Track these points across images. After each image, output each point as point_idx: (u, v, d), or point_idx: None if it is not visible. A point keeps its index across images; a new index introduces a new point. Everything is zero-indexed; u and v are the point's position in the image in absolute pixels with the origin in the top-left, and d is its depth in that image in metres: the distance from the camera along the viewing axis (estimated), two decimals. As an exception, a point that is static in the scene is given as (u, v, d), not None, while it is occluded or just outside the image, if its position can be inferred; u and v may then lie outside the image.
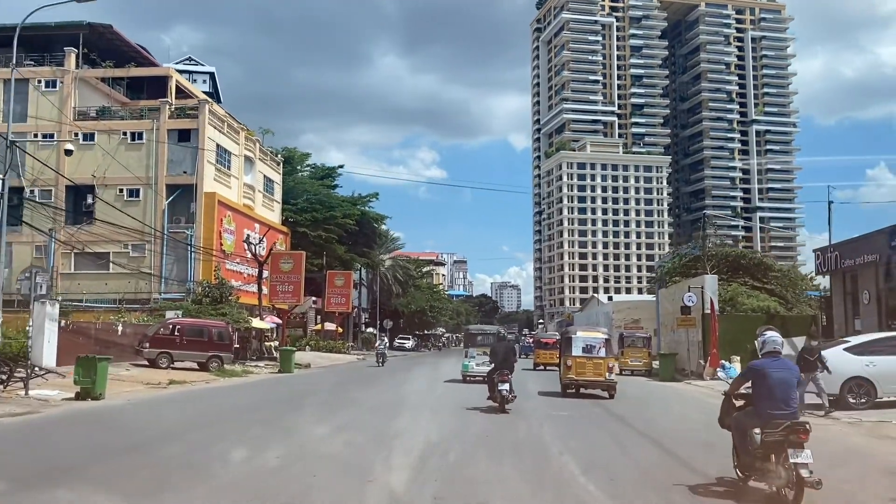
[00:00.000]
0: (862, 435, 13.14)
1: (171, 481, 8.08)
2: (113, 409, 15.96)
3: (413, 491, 7.62)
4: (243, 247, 38.37)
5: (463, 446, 10.87)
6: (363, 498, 7.47)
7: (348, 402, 18.73)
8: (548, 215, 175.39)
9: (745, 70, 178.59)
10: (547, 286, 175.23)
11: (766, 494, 7.20)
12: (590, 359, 18.23)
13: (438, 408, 16.55)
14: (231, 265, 40.25)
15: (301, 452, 10.31)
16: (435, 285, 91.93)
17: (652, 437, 12.50)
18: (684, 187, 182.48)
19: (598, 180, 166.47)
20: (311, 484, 8.02)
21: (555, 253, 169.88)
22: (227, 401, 19.18)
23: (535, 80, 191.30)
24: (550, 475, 8.83)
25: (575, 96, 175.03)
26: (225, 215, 39.43)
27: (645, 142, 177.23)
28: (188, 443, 11.21)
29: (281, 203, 49.54)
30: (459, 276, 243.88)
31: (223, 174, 40.78)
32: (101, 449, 10.62)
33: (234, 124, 43.15)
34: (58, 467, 8.86)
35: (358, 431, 12.38)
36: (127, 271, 38.02)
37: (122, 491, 7.52)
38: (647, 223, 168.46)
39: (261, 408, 17.24)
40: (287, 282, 37.94)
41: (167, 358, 26.69)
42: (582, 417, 15.36)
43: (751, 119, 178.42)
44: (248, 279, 39.87)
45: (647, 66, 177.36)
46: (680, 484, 7.85)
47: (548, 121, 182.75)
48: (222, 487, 7.84)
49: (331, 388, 23.42)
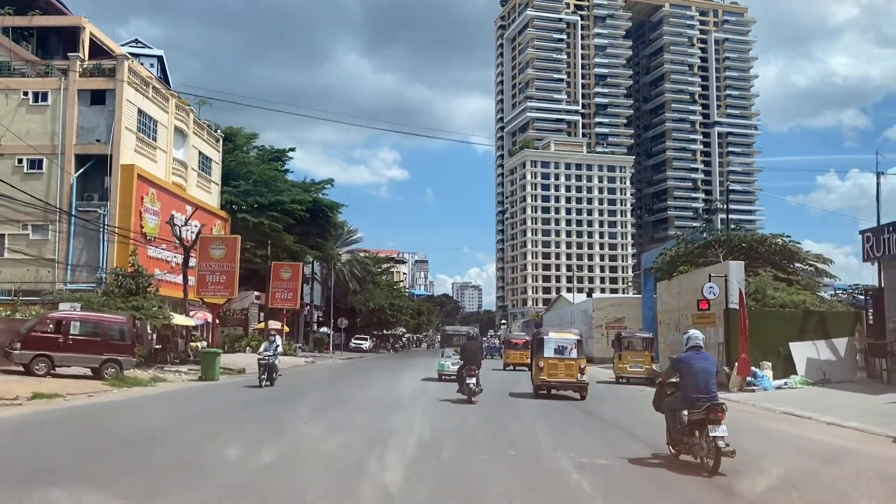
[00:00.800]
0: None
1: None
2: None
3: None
4: (170, 230, 31.94)
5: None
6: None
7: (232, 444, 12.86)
8: (511, 214, 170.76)
9: (707, 72, 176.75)
10: (510, 286, 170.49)
11: (692, 464, 8.73)
12: (562, 360, 18.10)
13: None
14: (154, 251, 33.86)
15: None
16: (395, 283, 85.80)
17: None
18: (646, 188, 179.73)
19: (563, 179, 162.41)
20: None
21: (518, 252, 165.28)
22: (63, 439, 12.80)
23: (499, 77, 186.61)
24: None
25: (539, 94, 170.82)
26: (147, 193, 33.03)
27: (608, 142, 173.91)
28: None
29: (220, 185, 43.17)
30: (420, 276, 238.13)
31: (147, 146, 34.33)
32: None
33: (162, 90, 36.70)
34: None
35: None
36: (26, 257, 31.36)
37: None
38: (611, 223, 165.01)
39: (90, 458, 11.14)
40: (219, 271, 31.62)
41: (46, 363, 20.37)
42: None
43: (713, 121, 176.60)
44: (176, 269, 33.52)
45: (612, 65, 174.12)
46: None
47: (511, 119, 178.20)
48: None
49: (240, 415, 17.49)
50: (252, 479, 8.06)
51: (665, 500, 7.67)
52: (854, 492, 8.21)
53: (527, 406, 16.98)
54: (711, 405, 8.35)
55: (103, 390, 19.24)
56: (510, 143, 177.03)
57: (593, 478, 8.15)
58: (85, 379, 20.81)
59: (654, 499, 7.68)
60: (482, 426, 13.07)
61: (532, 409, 16.19)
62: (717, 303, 21.01)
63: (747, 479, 8.28)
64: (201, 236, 31.95)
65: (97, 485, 7.44)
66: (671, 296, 26.15)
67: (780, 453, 11.28)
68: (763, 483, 8.19)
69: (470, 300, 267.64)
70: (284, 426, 13.05)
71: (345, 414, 15.15)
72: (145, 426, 13.35)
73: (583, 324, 43.92)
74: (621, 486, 8.05)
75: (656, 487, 8.03)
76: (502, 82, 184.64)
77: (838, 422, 14.09)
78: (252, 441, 10.94)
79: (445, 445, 10.59)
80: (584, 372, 18.19)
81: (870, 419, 13.91)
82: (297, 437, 11.69)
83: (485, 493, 7.50)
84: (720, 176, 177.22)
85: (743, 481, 8.14)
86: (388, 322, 67.03)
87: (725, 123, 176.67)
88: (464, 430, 12.54)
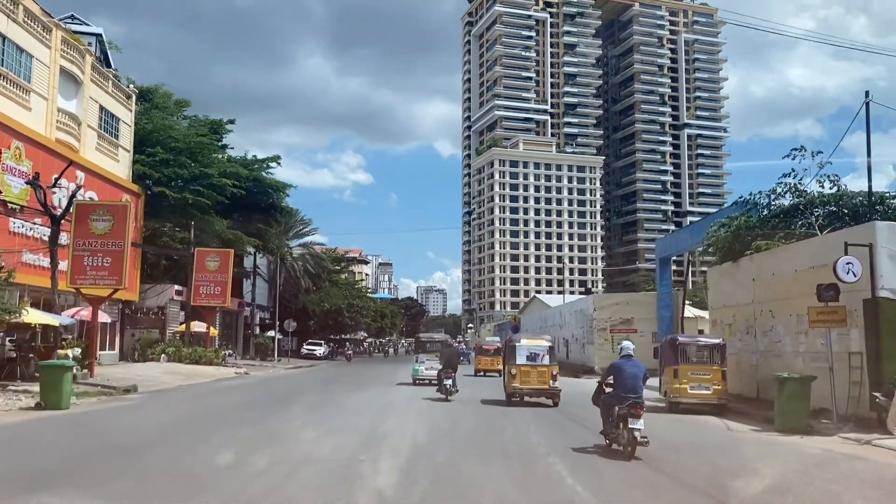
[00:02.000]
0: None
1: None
2: None
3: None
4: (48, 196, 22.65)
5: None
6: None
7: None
8: (478, 215, 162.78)
9: (677, 73, 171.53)
10: (476, 288, 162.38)
11: (616, 451, 10.09)
12: (534, 367, 17.73)
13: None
14: (19, 225, 24.65)
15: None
16: (356, 282, 76.44)
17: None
18: (615, 190, 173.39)
19: (531, 179, 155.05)
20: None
21: (485, 254, 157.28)
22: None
23: (466, 75, 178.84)
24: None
25: (507, 93, 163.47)
26: (8, 146, 23.81)
27: (577, 142, 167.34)
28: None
29: (131, 152, 33.92)
30: (384, 279, 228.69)
31: (12, 83, 25.09)
32: None
33: (42, 18, 27.42)
34: None
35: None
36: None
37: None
38: (580, 224, 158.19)
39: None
40: (102, 252, 22.47)
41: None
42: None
43: (682, 122, 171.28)
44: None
45: (581, 64, 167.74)
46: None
47: (479, 118, 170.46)
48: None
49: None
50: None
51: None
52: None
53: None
54: (634, 402, 9.89)
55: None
56: (477, 143, 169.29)
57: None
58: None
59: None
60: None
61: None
62: (851, 289, 12.88)
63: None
64: (77, 202, 22.74)
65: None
66: (738, 284, 17.97)
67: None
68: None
69: (435, 304, 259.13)
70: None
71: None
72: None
73: (579, 326, 35.80)
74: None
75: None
76: (469, 80, 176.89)
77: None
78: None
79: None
80: (557, 379, 17.76)
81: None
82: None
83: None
84: (690, 178, 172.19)
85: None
86: (347, 325, 57.89)
87: (695, 125, 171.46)
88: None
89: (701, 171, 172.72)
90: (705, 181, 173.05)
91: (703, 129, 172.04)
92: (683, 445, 11.90)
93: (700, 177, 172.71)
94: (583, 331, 34.49)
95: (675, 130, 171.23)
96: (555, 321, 43.54)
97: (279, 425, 13.56)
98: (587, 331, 33.86)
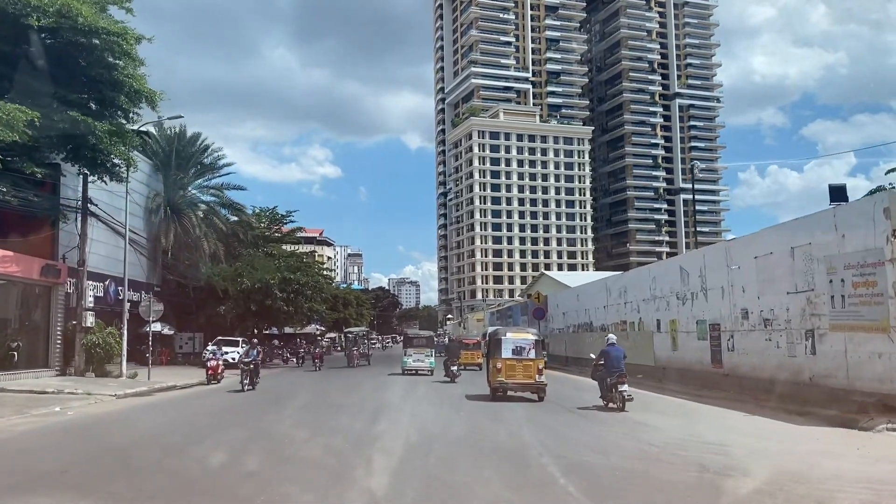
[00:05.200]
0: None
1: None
2: None
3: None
4: None
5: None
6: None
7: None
8: (456, 194, 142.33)
9: (666, 39, 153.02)
10: (455, 276, 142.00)
11: (610, 408, 14.61)
12: (520, 361, 17.01)
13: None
14: None
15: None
16: (305, 254, 53.68)
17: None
18: (602, 167, 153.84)
19: (514, 152, 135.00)
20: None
21: (465, 237, 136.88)
22: None
23: (439, 42, 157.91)
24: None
25: (484, 59, 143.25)
26: None
27: (562, 114, 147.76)
28: None
29: None
30: (354, 271, 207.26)
31: None
32: None
33: None
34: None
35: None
36: None
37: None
38: (568, 203, 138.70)
39: None
40: None
41: None
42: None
43: (673, 93, 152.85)
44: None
45: (564, 28, 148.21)
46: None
47: (454, 88, 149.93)
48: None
49: None
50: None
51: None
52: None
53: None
54: (619, 374, 14.70)
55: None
56: (452, 116, 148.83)
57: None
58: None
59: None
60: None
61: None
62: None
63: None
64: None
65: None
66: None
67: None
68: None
69: (407, 296, 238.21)
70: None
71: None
72: None
73: (806, 275, 15.20)
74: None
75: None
76: (442, 48, 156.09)
77: None
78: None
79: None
80: (543, 373, 17.06)
81: None
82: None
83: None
84: (682, 154, 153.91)
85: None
86: (282, 313, 36.37)
87: (686, 95, 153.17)
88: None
89: (694, 145, 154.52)
90: (698, 156, 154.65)
91: (695, 100, 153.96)
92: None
93: (693, 150, 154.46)
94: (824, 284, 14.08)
95: (666, 101, 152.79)
96: (641, 288, 23.37)
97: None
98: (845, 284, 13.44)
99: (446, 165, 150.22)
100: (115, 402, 16.70)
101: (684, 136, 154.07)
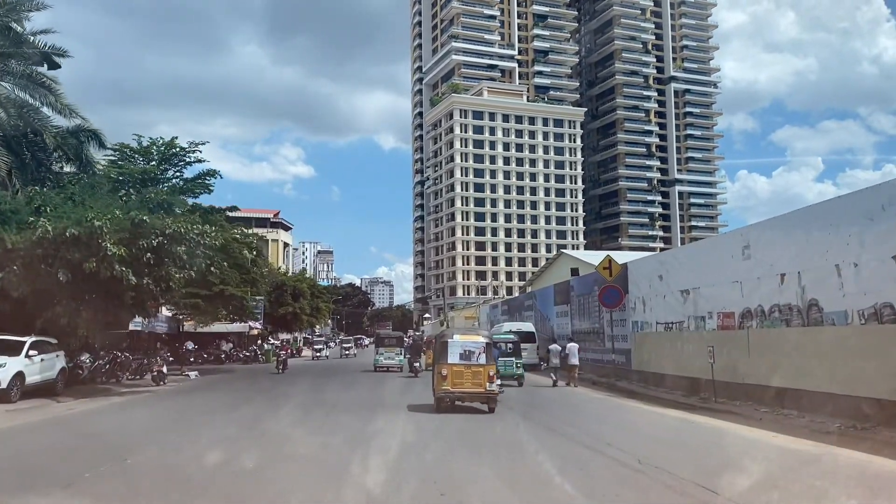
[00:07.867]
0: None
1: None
2: None
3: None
4: None
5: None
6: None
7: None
8: (434, 180, 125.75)
9: (661, 18, 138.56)
10: (433, 271, 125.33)
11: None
12: (468, 367, 14.40)
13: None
14: None
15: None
16: (234, 223, 34.79)
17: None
18: (592, 156, 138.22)
19: (500, 134, 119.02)
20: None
21: (444, 228, 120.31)
22: None
23: (416, 17, 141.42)
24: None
25: (466, 34, 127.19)
26: None
27: (550, 96, 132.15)
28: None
29: None
30: (324, 268, 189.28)
31: None
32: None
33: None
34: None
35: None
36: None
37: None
38: (559, 192, 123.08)
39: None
40: None
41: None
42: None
43: (668, 76, 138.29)
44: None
45: (553, 2, 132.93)
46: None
47: (432, 66, 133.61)
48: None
49: None
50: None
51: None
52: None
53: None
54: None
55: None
56: (431, 96, 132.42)
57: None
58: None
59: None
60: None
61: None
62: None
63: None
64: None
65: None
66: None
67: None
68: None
69: (381, 296, 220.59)
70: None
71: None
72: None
73: None
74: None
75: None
76: (420, 24, 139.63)
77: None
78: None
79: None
80: (494, 380, 14.46)
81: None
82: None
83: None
84: (677, 142, 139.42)
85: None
86: (135, 291, 18.28)
87: (682, 79, 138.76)
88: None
89: (690, 133, 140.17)
90: (695, 144, 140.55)
91: (691, 84, 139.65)
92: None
93: (689, 139, 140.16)
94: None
95: (661, 85, 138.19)
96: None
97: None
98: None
99: (424, 151, 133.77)
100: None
101: (679, 124, 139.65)
